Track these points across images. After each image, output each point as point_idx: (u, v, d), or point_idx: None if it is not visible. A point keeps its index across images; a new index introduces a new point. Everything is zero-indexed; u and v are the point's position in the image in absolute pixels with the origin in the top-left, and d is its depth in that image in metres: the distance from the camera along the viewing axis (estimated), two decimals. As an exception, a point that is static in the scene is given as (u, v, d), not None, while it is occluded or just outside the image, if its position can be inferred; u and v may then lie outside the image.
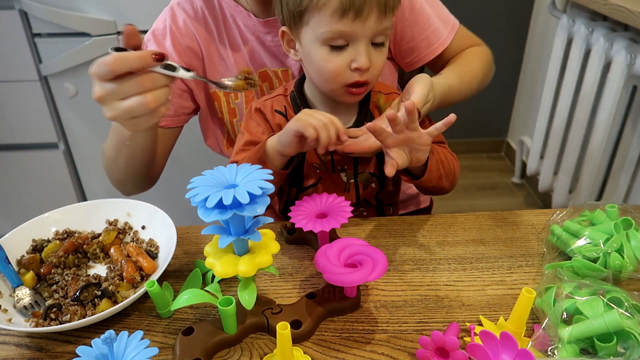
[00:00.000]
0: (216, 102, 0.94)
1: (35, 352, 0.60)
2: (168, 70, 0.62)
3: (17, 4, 1.57)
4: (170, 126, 0.94)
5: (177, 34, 0.89)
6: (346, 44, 0.71)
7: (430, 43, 0.92)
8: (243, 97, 0.93)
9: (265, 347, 0.59)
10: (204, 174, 0.56)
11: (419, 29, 0.90)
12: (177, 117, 0.94)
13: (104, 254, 0.73)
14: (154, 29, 0.91)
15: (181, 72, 0.63)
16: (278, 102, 0.84)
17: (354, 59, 0.71)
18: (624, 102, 1.44)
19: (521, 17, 2.17)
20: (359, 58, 0.70)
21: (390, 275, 0.69)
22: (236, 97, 0.93)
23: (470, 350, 0.49)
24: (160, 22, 0.91)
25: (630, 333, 0.51)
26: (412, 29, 0.90)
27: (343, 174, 0.83)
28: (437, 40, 0.92)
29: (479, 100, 2.40)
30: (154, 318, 0.64)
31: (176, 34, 0.89)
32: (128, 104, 0.60)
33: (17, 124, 1.75)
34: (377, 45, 0.73)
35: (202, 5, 0.89)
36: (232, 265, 0.56)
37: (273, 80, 0.92)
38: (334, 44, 0.71)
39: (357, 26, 0.69)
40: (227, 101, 0.93)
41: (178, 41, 0.89)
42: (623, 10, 1.33)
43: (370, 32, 0.70)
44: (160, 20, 0.91)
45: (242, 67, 0.89)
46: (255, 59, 0.90)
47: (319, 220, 0.68)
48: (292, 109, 0.82)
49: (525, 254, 0.73)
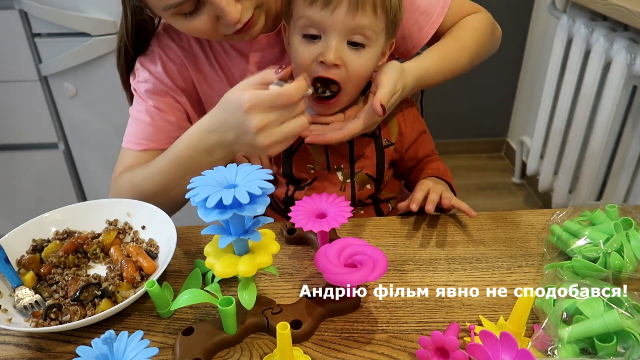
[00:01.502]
0: None
1: (35, 352, 0.60)
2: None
3: (17, 4, 1.57)
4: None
5: (166, 60, 0.86)
6: (319, 35, 0.70)
7: (421, 26, 0.86)
8: None
9: (265, 347, 0.59)
10: (204, 174, 0.56)
11: (407, 15, 0.85)
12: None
13: (104, 254, 0.73)
14: (142, 57, 0.88)
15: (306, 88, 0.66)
16: None
17: (322, 52, 0.70)
18: (624, 102, 1.44)
19: (521, 17, 2.18)
20: (326, 51, 0.70)
21: (390, 275, 0.69)
22: None
23: (470, 350, 0.49)
24: (148, 51, 0.88)
25: (630, 333, 0.51)
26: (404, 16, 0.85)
27: (339, 173, 0.84)
28: (427, 21, 0.86)
29: (479, 100, 2.42)
30: (154, 318, 0.64)
31: (165, 59, 0.86)
32: (289, 127, 0.65)
33: (17, 124, 1.75)
34: (356, 46, 0.71)
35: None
36: (232, 265, 0.56)
37: None
38: (306, 33, 0.71)
39: (325, 15, 0.68)
40: None
41: (168, 66, 0.87)
42: (623, 10, 1.33)
43: (340, 25, 0.68)
44: (149, 50, 0.88)
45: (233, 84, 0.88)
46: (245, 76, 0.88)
47: (318, 220, 0.68)
48: None
49: (525, 254, 0.73)
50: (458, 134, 2.48)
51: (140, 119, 0.87)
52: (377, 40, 0.73)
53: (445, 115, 2.39)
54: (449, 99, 2.31)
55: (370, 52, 0.72)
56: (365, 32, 0.70)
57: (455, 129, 2.46)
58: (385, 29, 0.73)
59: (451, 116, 2.39)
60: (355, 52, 0.71)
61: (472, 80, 2.28)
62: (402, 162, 0.89)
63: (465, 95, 2.37)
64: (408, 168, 0.91)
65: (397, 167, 0.90)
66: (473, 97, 2.38)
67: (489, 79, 2.31)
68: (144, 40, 0.88)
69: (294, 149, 0.83)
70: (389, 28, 0.74)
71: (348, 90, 0.74)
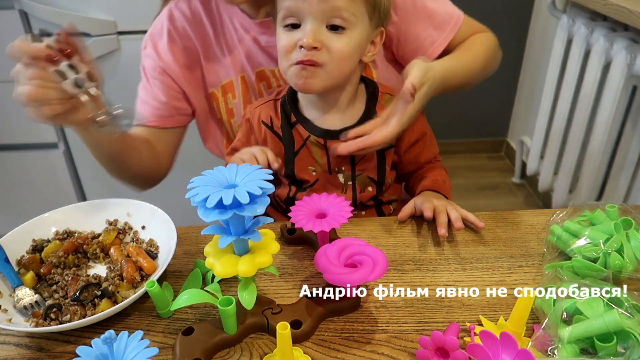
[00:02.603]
0: (214, 102, 0.94)
1: (35, 352, 0.60)
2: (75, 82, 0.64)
3: (17, 4, 1.57)
4: (165, 126, 0.94)
5: (174, 35, 0.90)
6: (299, 23, 0.72)
7: (433, 40, 0.90)
8: (240, 97, 0.93)
9: (265, 347, 0.59)
10: (204, 174, 0.56)
11: (422, 27, 0.89)
12: (171, 118, 0.94)
13: (104, 254, 0.73)
14: (152, 30, 0.92)
15: (87, 85, 0.64)
16: (267, 108, 0.84)
17: (300, 37, 0.71)
18: (624, 102, 1.44)
19: (521, 17, 2.17)
20: (304, 36, 0.71)
21: (390, 275, 0.69)
22: (234, 97, 0.93)
23: (470, 350, 0.49)
24: (157, 23, 0.92)
25: (630, 333, 0.51)
26: (415, 27, 0.89)
27: (341, 175, 0.84)
28: (440, 36, 0.90)
29: (479, 100, 2.42)
30: (154, 318, 0.64)
31: (173, 34, 0.90)
32: (18, 90, 0.63)
33: (17, 124, 1.75)
34: (336, 29, 0.72)
35: (199, 6, 0.89)
36: (232, 265, 0.56)
37: (270, 79, 0.92)
38: (287, 23, 0.73)
39: (300, 2, 0.70)
40: (225, 101, 0.94)
41: (175, 41, 0.90)
42: (623, 10, 1.33)
43: (315, 8, 0.70)
44: (158, 22, 0.92)
45: (239, 68, 0.90)
46: (252, 59, 0.90)
47: (318, 220, 0.68)
48: (278, 115, 0.83)
49: (525, 254, 0.73)
50: (458, 134, 2.48)
51: (139, 95, 0.94)
52: (358, 23, 0.73)
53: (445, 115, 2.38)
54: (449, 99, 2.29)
55: (351, 35, 0.73)
56: (343, 14, 0.71)
57: (455, 129, 2.46)
58: (367, 13, 0.74)
59: (451, 116, 2.39)
60: (335, 34, 0.72)
61: (472, 80, 2.27)
62: (401, 165, 0.88)
63: (465, 95, 2.35)
64: (408, 172, 0.90)
65: (397, 169, 0.90)
66: (473, 97, 2.38)
67: (489, 79, 2.29)
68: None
69: (295, 150, 0.83)
70: (370, 13, 0.75)
71: (329, 69, 0.73)
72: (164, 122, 0.94)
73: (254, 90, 0.93)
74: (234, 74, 0.92)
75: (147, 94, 0.93)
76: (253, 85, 0.92)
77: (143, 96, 0.94)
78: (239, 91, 0.92)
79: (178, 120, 0.96)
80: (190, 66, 0.91)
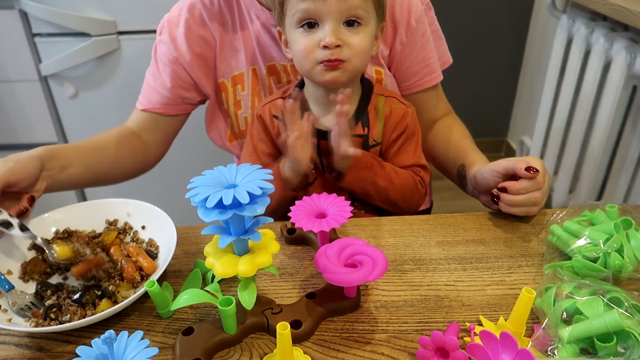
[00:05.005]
0: (223, 92, 0.95)
1: (35, 352, 0.60)
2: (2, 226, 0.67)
3: (17, 4, 1.57)
4: (169, 114, 0.96)
5: (191, 23, 0.91)
6: (316, 23, 0.74)
7: (431, 71, 0.96)
8: (249, 89, 0.94)
9: (265, 347, 0.59)
10: (204, 174, 0.56)
11: (425, 55, 0.94)
12: (176, 106, 0.96)
13: (104, 254, 0.73)
14: (169, 16, 0.93)
15: (15, 231, 0.67)
16: (275, 106, 0.85)
17: (322, 38, 0.73)
18: (624, 102, 1.44)
19: (521, 17, 2.17)
20: (326, 36, 0.73)
21: (390, 275, 0.69)
22: (243, 89, 0.94)
23: (470, 350, 0.49)
24: (176, 9, 0.93)
25: (630, 333, 0.51)
26: (419, 53, 0.93)
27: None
28: (436, 70, 0.96)
29: (479, 100, 2.42)
30: (154, 318, 0.64)
31: (191, 22, 0.90)
32: None
33: (17, 124, 1.75)
34: (352, 25, 0.74)
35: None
36: (232, 265, 0.56)
37: (281, 74, 0.93)
38: (304, 23, 0.74)
39: (319, 4, 0.71)
40: (233, 92, 0.94)
41: (192, 30, 0.91)
42: (623, 10, 1.33)
43: (335, 9, 0.72)
44: (177, 8, 0.93)
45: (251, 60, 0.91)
46: (265, 52, 0.91)
47: (318, 220, 0.68)
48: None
49: (525, 254, 0.73)
50: (458, 134, 2.48)
51: (147, 79, 0.95)
52: (370, 19, 0.76)
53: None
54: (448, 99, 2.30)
55: (365, 30, 0.76)
56: (359, 12, 0.74)
57: (455, 129, 2.45)
58: (374, 8, 0.76)
59: (451, 116, 2.39)
60: (352, 31, 0.74)
61: (472, 80, 2.27)
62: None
63: (465, 95, 2.37)
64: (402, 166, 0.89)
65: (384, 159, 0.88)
66: (473, 97, 2.38)
67: (489, 79, 2.31)
68: None
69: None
70: (377, 8, 0.77)
71: (355, 62, 0.76)
72: (169, 109, 0.96)
73: (264, 83, 0.94)
74: (246, 66, 0.92)
75: (155, 79, 0.94)
76: (263, 78, 0.93)
77: (151, 81, 0.95)
78: (248, 83, 0.93)
79: (183, 108, 0.98)
80: (205, 55, 0.92)
